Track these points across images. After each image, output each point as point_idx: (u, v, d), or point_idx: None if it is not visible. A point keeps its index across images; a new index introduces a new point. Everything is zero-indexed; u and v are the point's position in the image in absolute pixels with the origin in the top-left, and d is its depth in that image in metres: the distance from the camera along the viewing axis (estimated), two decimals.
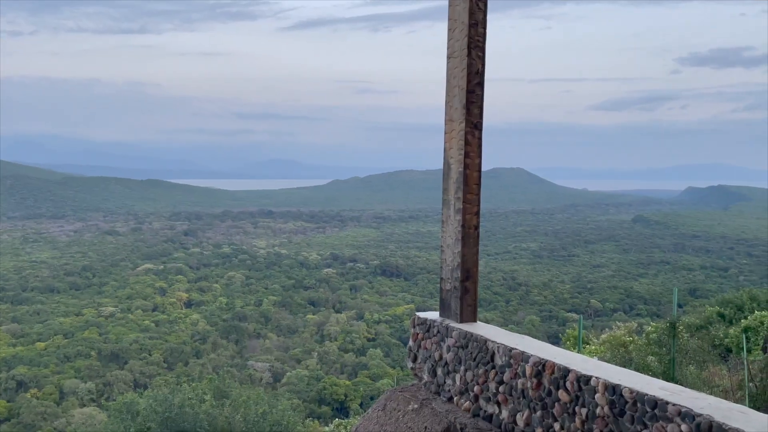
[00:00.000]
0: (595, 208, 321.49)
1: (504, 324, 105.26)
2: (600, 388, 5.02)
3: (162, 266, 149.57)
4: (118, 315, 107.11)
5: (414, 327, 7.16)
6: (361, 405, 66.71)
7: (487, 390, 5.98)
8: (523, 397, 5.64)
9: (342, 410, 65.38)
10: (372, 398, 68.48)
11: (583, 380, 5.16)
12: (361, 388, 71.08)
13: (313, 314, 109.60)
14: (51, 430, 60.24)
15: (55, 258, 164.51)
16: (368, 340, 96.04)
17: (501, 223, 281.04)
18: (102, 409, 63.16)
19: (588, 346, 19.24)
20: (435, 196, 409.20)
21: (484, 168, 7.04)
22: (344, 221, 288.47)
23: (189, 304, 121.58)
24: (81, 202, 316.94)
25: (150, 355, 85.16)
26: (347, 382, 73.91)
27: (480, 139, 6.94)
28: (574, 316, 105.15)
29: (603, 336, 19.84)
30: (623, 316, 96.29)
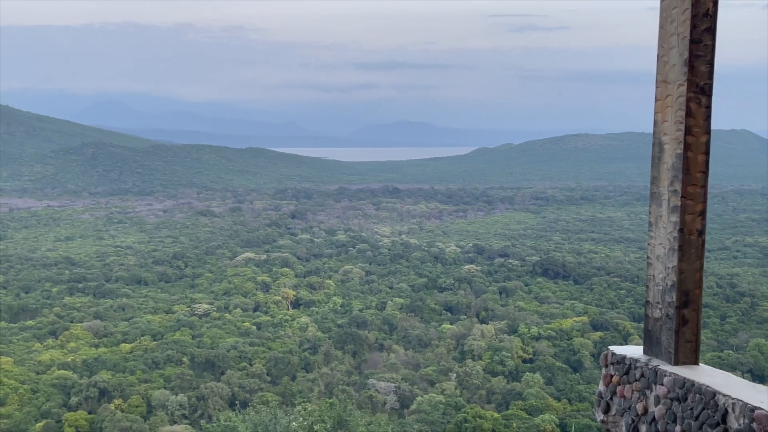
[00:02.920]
0: None
1: (717, 348, 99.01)
2: None
3: (265, 256, 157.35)
4: (214, 314, 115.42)
5: (606, 366, 6.92)
6: None
7: None
8: None
9: None
10: None
11: None
12: (515, 424, 70.50)
13: (451, 323, 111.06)
14: None
15: (142, 243, 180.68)
16: (524, 361, 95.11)
17: (716, 207, 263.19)
18: (195, 428, 68.85)
19: None
20: (619, 170, 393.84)
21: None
22: (492, 202, 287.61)
23: (297, 304, 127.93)
24: (171, 176, 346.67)
25: (251, 365, 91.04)
26: (495, 415, 73.67)
27: (709, 108, 6.44)
28: None
29: None
30: None
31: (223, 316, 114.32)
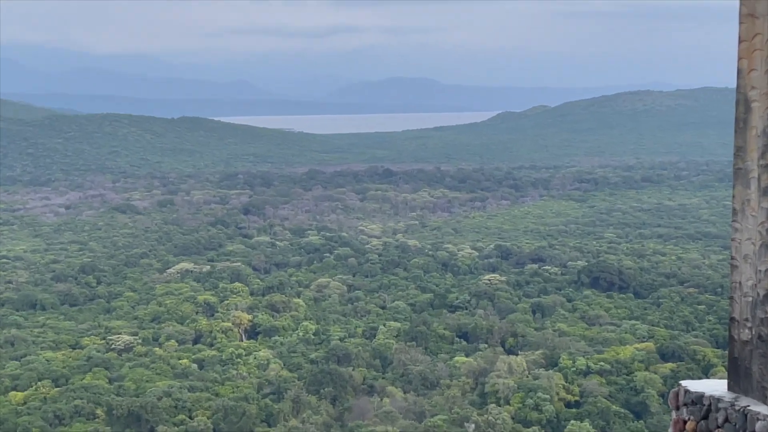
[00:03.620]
0: None
1: None
2: None
3: (208, 267, 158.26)
4: (139, 348, 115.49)
5: (678, 408, 6.96)
6: None
7: None
8: None
9: None
10: None
11: None
12: None
13: (467, 355, 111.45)
14: None
15: (37, 251, 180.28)
16: (567, 404, 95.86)
17: None
18: None
19: None
20: (694, 139, 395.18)
21: None
22: (521, 188, 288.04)
23: (253, 333, 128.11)
24: (76, 158, 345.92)
25: (191, 417, 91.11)
26: None
27: None
28: None
29: None
30: None
31: (151, 351, 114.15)
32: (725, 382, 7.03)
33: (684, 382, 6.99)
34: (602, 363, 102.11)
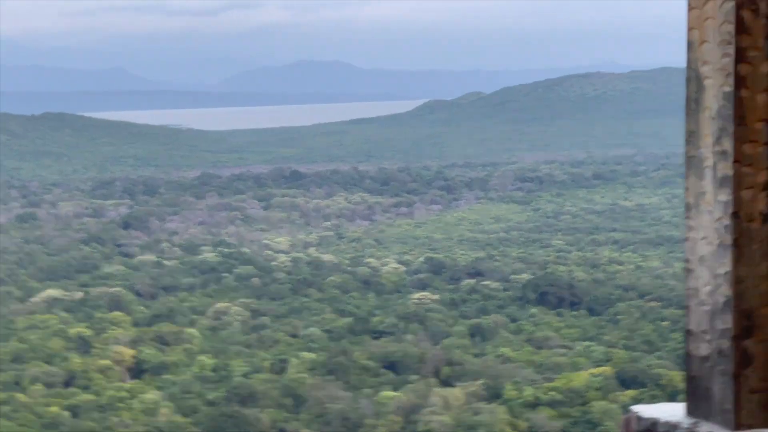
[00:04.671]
0: None
1: None
2: None
3: (81, 293, 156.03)
4: None
5: None
6: None
7: None
8: None
9: None
10: None
11: None
12: None
13: (395, 388, 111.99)
14: None
15: None
16: None
17: None
18: None
19: None
20: (653, 128, 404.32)
21: None
22: (454, 189, 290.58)
23: (138, 371, 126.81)
24: None
25: None
26: None
27: None
28: None
29: None
30: None
31: (12, 397, 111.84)
32: (684, 405, 7.20)
33: (636, 408, 7.14)
34: (553, 392, 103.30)
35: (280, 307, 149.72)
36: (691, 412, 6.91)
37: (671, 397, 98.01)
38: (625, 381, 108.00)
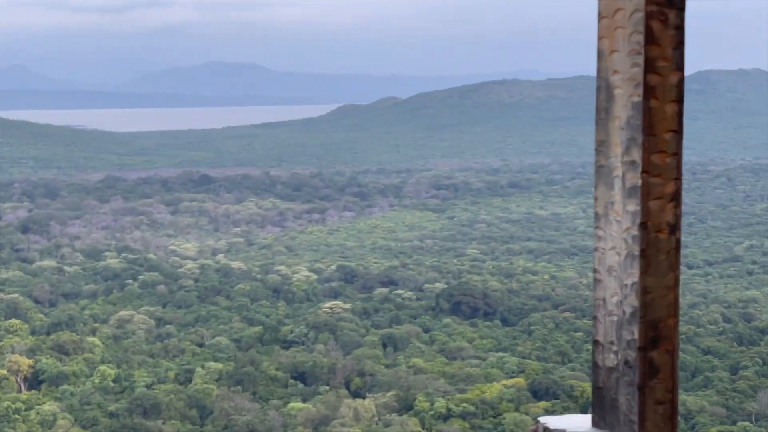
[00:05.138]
0: None
1: (727, 418, 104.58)
2: None
3: None
4: None
5: None
6: None
7: None
8: None
9: None
10: None
11: None
12: None
13: (304, 400, 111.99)
14: None
15: None
16: None
17: (719, 193, 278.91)
18: None
19: None
20: (569, 137, 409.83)
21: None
22: (367, 196, 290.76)
23: (36, 382, 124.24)
24: None
25: None
26: None
27: (681, 30, 6.81)
28: None
29: None
30: None
31: None
32: (590, 417, 7.32)
33: (543, 419, 7.24)
34: (465, 404, 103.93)
35: (186, 315, 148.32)
36: (597, 423, 7.03)
37: (583, 409, 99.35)
38: (538, 392, 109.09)
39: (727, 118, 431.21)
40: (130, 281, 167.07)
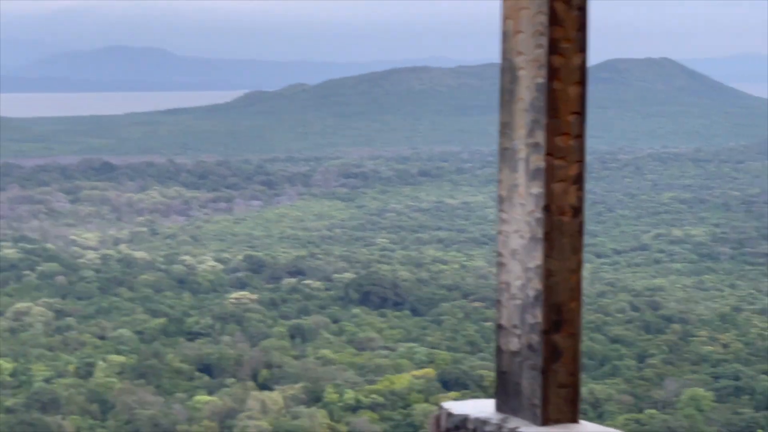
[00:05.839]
0: None
1: (634, 406, 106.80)
2: None
3: None
4: None
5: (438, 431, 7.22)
6: None
7: None
8: None
9: None
10: None
11: None
12: None
13: (210, 393, 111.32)
14: None
15: None
16: None
17: (628, 183, 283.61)
18: None
19: None
20: (479, 125, 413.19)
21: (588, 61, 6.97)
22: (275, 184, 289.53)
23: None
24: None
25: None
26: None
27: (584, 11, 6.89)
28: None
29: None
30: None
31: None
32: (493, 401, 7.39)
33: (446, 404, 7.29)
34: (375, 395, 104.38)
35: (87, 307, 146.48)
36: (500, 407, 7.10)
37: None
38: (448, 383, 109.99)
39: (635, 107, 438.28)
40: (28, 272, 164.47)
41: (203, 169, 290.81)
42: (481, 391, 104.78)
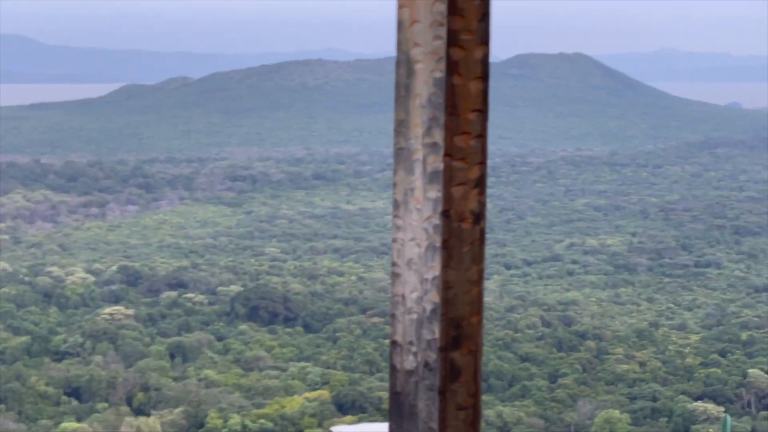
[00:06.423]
0: (760, 150, 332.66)
1: (545, 430, 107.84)
2: None
3: None
4: None
5: None
6: None
7: None
8: None
9: None
10: None
11: None
12: None
13: (79, 419, 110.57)
14: None
15: None
16: None
17: (540, 188, 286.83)
18: None
19: None
20: (379, 124, 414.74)
21: (497, 56, 6.99)
22: (154, 187, 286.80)
23: None
24: None
25: None
26: None
27: (486, 0, 6.92)
28: (713, 409, 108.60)
29: None
30: None
31: None
32: (386, 425, 7.38)
33: (336, 429, 7.27)
34: (263, 420, 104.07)
35: None
36: (393, 429, 7.09)
37: None
38: (343, 406, 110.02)
39: (548, 105, 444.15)
40: None
41: (73, 171, 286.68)
42: (380, 414, 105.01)
